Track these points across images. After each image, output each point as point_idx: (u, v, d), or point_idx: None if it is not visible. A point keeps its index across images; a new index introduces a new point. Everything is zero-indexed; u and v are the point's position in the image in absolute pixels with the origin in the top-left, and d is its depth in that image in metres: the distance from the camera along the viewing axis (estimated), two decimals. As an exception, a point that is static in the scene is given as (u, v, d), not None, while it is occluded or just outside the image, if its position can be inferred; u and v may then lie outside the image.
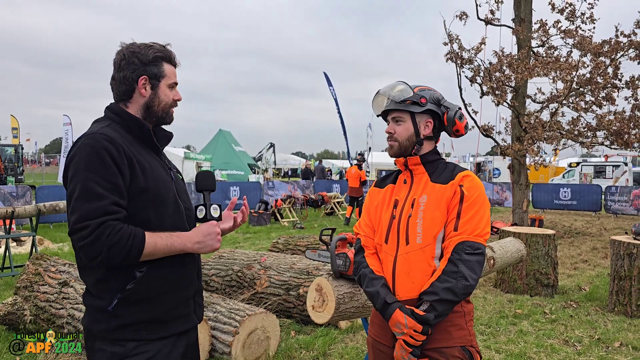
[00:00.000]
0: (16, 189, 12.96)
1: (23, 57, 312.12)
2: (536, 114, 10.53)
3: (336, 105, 21.19)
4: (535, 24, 10.97)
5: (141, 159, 1.74)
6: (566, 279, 7.17)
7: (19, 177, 26.41)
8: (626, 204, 15.60)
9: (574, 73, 9.88)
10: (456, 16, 10.57)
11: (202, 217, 1.83)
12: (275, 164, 42.88)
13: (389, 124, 2.07)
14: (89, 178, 1.61)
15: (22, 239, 9.65)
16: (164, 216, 1.77)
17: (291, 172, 46.77)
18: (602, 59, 10.13)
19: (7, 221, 6.81)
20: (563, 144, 10.96)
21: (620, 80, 10.36)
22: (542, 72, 10.04)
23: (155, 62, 1.82)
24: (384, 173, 19.92)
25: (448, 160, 2.28)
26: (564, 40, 10.66)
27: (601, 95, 10.34)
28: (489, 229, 1.91)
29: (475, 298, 6.04)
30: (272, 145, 39.69)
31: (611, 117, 10.33)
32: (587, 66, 10.29)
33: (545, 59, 10.44)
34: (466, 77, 10.48)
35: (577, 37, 10.33)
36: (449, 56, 10.46)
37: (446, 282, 1.83)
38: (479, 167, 32.32)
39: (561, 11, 10.75)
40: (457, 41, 10.34)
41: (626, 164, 25.43)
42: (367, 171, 14.84)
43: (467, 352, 1.91)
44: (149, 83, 1.82)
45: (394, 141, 2.04)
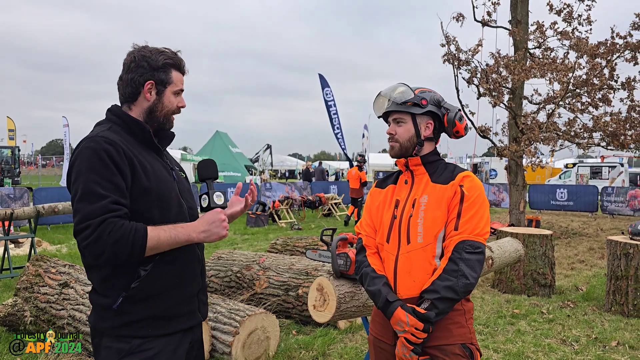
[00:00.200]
0: (13, 190, 12.91)
1: (18, 59, 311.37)
2: (533, 115, 10.57)
3: (329, 108, 21.11)
4: (531, 25, 11.02)
5: (142, 160, 1.77)
6: (563, 279, 7.21)
7: (16, 179, 26.37)
8: (622, 205, 15.67)
9: (571, 74, 9.93)
10: (453, 18, 10.61)
11: (205, 205, 1.82)
12: (272, 165, 42.89)
13: (390, 125, 2.10)
14: (90, 179, 1.64)
15: (20, 240, 9.64)
16: (167, 216, 1.78)
17: (288, 174, 46.76)
18: (598, 60, 10.18)
19: (6, 223, 6.80)
20: (560, 145, 11.00)
21: (616, 81, 10.42)
22: (538, 74, 10.09)
23: (164, 68, 1.84)
24: (381, 174, 19.96)
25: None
26: (561, 41, 10.71)
27: (597, 96, 10.40)
28: (488, 228, 1.94)
29: (473, 298, 6.07)
30: (269, 147, 39.72)
31: (607, 118, 10.37)
32: (584, 67, 10.34)
33: (541, 60, 10.49)
34: (463, 78, 10.52)
35: (574, 39, 10.39)
36: (446, 58, 10.48)
37: (447, 280, 1.86)
38: (475, 168, 32.42)
39: (559, 12, 10.79)
40: (455, 43, 10.38)
41: (622, 164, 25.51)
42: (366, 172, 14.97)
43: (467, 349, 1.94)
44: (154, 88, 1.84)
45: (395, 142, 2.07)
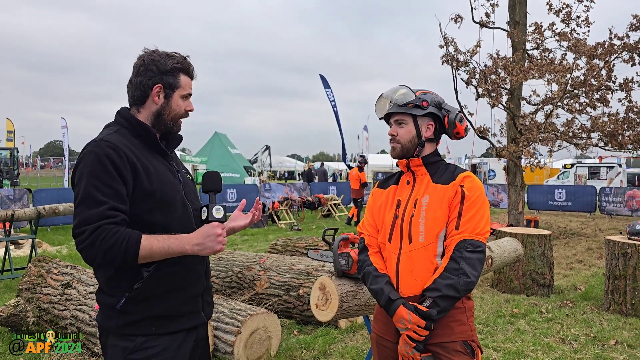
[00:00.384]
0: (13, 192, 12.93)
1: (16, 60, 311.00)
2: (531, 116, 10.61)
3: (334, 108, 21.23)
4: (530, 26, 11.06)
5: (146, 163, 1.80)
6: (562, 279, 7.25)
7: (15, 180, 26.33)
8: (620, 205, 15.72)
9: (569, 75, 9.97)
10: (452, 19, 10.66)
11: (204, 218, 1.83)
12: (271, 166, 42.92)
13: (391, 127, 2.14)
14: (91, 184, 1.68)
15: (20, 242, 9.66)
16: (171, 218, 1.82)
17: (288, 175, 46.78)
18: (596, 61, 10.23)
19: (7, 224, 6.82)
20: (558, 146, 11.04)
21: (614, 82, 10.46)
22: (536, 75, 10.13)
23: (172, 72, 1.87)
24: (380, 175, 20.03)
25: None
26: (559, 42, 10.76)
27: (595, 97, 10.45)
28: (489, 227, 1.98)
29: (472, 298, 6.09)
30: (268, 148, 39.76)
31: (605, 118, 10.41)
32: (581, 68, 10.39)
33: (539, 61, 10.54)
34: (462, 79, 10.56)
35: (572, 40, 10.44)
36: (444, 59, 10.53)
37: (448, 278, 1.89)
38: (474, 168, 32.46)
39: (557, 12, 10.83)
40: (453, 44, 10.43)
41: (620, 165, 25.58)
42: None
43: (468, 346, 1.97)
44: (163, 92, 1.87)
45: (396, 143, 2.11)
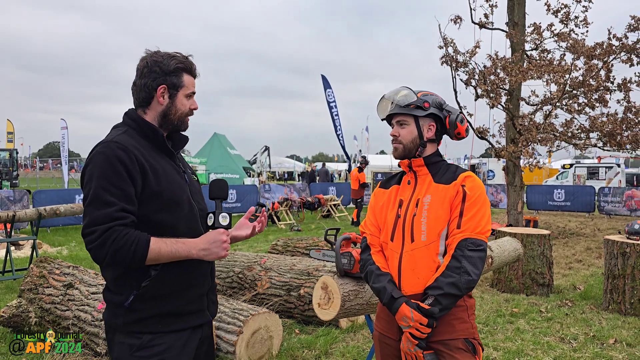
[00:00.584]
0: (13, 193, 12.94)
1: (13, 61, 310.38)
2: (530, 116, 10.64)
3: (332, 109, 21.25)
4: (528, 27, 11.09)
5: (154, 164, 1.83)
6: (561, 279, 7.28)
7: (14, 181, 26.31)
8: (619, 205, 15.76)
9: (567, 76, 10.00)
10: (451, 20, 10.69)
11: (211, 224, 1.88)
12: (270, 167, 42.94)
13: (393, 128, 2.16)
14: (100, 185, 1.70)
15: (20, 243, 9.67)
16: (178, 218, 1.85)
17: (287, 175, 46.81)
18: (595, 61, 10.26)
19: (8, 225, 6.83)
20: (557, 146, 11.08)
21: (612, 82, 10.49)
22: (535, 75, 10.16)
23: (175, 72, 1.90)
24: (379, 175, 20.07)
25: None
26: (557, 43, 10.80)
27: (594, 97, 10.47)
28: (490, 226, 2.00)
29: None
30: (267, 149, 39.80)
31: (604, 119, 10.45)
32: (580, 69, 10.42)
33: (538, 62, 10.57)
34: (461, 80, 10.58)
35: (570, 41, 10.47)
36: (444, 59, 10.55)
37: (450, 277, 1.92)
38: (473, 169, 32.49)
39: (556, 12, 10.87)
40: (452, 45, 10.46)
41: (619, 165, 25.62)
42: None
43: (469, 344, 2.00)
44: (167, 92, 1.90)
45: (398, 144, 2.13)
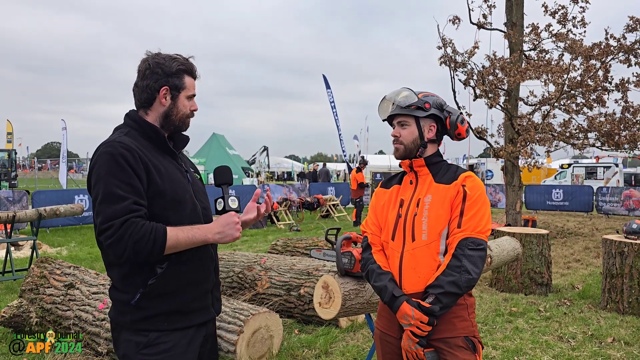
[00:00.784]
0: (12, 193, 12.92)
1: (10, 61, 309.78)
2: (528, 116, 10.68)
3: (333, 109, 21.32)
4: (526, 27, 11.12)
5: (157, 163, 1.85)
6: (560, 278, 7.31)
7: (13, 182, 26.28)
8: (617, 205, 15.80)
9: (565, 76, 10.04)
10: (449, 20, 10.71)
11: (220, 209, 1.90)
12: (269, 167, 42.98)
13: (394, 128, 2.19)
14: (110, 182, 1.73)
15: (20, 243, 9.67)
16: (181, 217, 1.87)
17: (286, 175, 46.83)
18: (593, 62, 10.30)
19: (9, 225, 6.84)
20: (555, 146, 11.11)
21: (610, 83, 10.53)
22: (534, 75, 10.19)
23: (177, 74, 1.92)
24: (378, 175, 20.14)
25: None
26: (555, 43, 10.83)
27: (592, 97, 10.52)
28: (490, 226, 2.03)
29: (471, 297, 6.16)
30: (266, 149, 39.84)
31: (602, 119, 10.50)
32: (578, 69, 10.46)
33: (536, 62, 10.60)
34: (460, 80, 10.61)
35: (568, 41, 10.51)
36: (442, 60, 10.59)
37: (450, 276, 1.94)
38: (471, 169, 32.52)
39: (553, 14, 10.90)
40: (451, 45, 10.49)
41: (617, 165, 25.68)
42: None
43: (470, 342, 2.03)
44: (169, 93, 1.92)
45: (399, 144, 2.16)
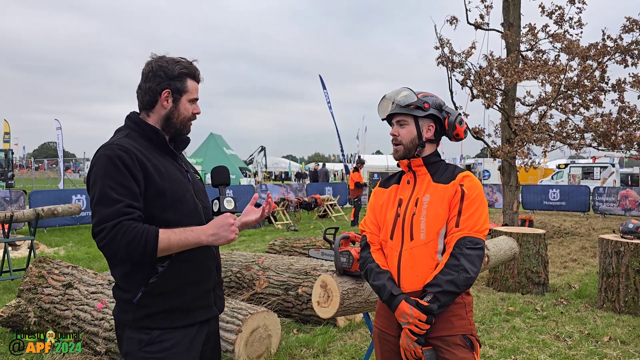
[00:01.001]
0: (9, 193, 12.88)
1: (6, 61, 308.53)
2: (525, 117, 10.72)
3: (331, 109, 21.36)
4: (523, 28, 11.16)
5: (157, 163, 1.87)
6: (556, 278, 7.34)
7: (9, 182, 26.22)
8: (614, 205, 15.87)
9: (562, 76, 10.08)
10: (447, 21, 10.75)
11: (216, 210, 1.91)
12: (266, 167, 43.00)
13: (393, 127, 2.20)
14: (106, 184, 1.75)
15: (17, 243, 9.66)
16: (182, 216, 1.89)
17: (284, 175, 46.86)
18: (590, 62, 10.34)
19: (6, 225, 6.83)
20: (552, 146, 11.15)
21: (607, 83, 10.58)
22: (531, 76, 10.23)
23: (180, 77, 1.94)
24: (375, 175, 20.19)
25: None
26: (552, 44, 10.88)
27: (588, 97, 10.56)
28: (487, 225, 2.05)
29: (468, 296, 6.18)
30: (263, 149, 39.87)
31: (598, 119, 10.54)
32: (575, 70, 10.50)
33: (533, 62, 10.64)
34: (457, 80, 10.64)
35: (565, 41, 10.55)
36: (440, 60, 10.62)
37: (449, 274, 1.96)
38: (468, 169, 32.59)
39: (550, 14, 10.95)
40: (448, 45, 10.52)
41: (613, 165, 25.77)
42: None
43: (467, 340, 2.04)
44: (171, 96, 1.94)
45: (398, 144, 2.18)
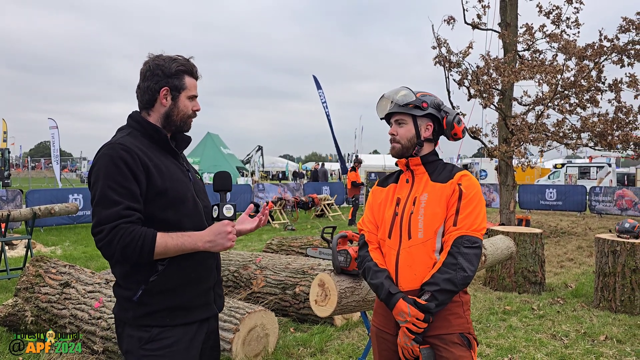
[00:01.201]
0: (6, 192, 12.83)
1: (4, 61, 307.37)
2: (522, 116, 10.74)
3: (327, 109, 21.38)
4: (521, 28, 11.19)
5: (158, 163, 1.88)
6: (553, 277, 7.37)
7: (6, 181, 26.16)
8: (610, 204, 15.91)
9: (559, 76, 10.10)
10: (444, 20, 10.76)
11: (215, 216, 1.91)
12: (264, 166, 42.99)
13: (391, 126, 2.21)
14: (106, 185, 1.76)
15: (13, 242, 9.63)
16: (182, 215, 1.90)
17: (281, 175, 46.86)
18: (586, 62, 10.38)
19: (3, 225, 6.81)
20: (548, 146, 11.18)
21: (603, 83, 10.61)
22: (528, 76, 10.25)
23: (177, 75, 1.95)
24: (372, 175, 20.22)
25: None
26: (549, 44, 10.90)
27: (585, 97, 10.59)
28: (485, 224, 2.05)
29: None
30: (260, 148, 39.87)
31: (595, 119, 10.57)
32: (572, 70, 10.53)
33: (530, 62, 10.67)
34: (454, 80, 10.67)
35: (562, 41, 10.58)
36: (437, 60, 10.63)
37: (446, 273, 1.97)
38: (465, 168, 32.65)
39: (547, 14, 10.97)
40: (446, 45, 10.53)
41: (610, 164, 25.88)
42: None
43: (465, 338, 2.05)
44: (169, 94, 1.95)
45: (396, 143, 2.18)
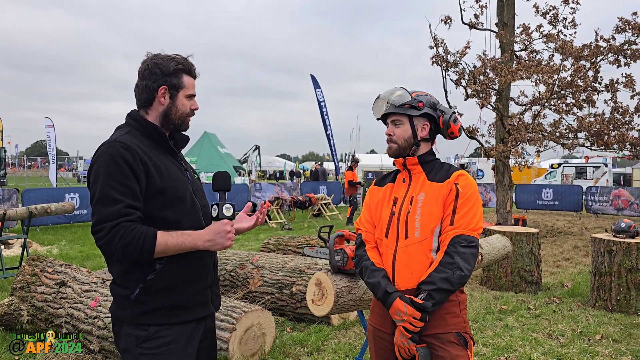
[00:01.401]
0: (2, 191, 12.79)
1: (0, 60, 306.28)
2: (519, 116, 10.77)
3: (322, 109, 21.35)
4: (518, 28, 11.20)
5: (157, 162, 1.88)
6: (549, 276, 7.39)
7: (2, 180, 26.03)
8: (606, 204, 15.96)
9: (556, 76, 10.12)
10: (441, 20, 10.77)
11: (214, 215, 1.92)
12: (261, 166, 42.98)
13: (388, 127, 2.21)
14: (107, 184, 1.76)
15: (10, 241, 9.60)
16: (181, 214, 1.90)
17: (278, 174, 46.85)
18: (583, 62, 10.40)
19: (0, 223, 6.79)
20: (545, 146, 11.22)
21: (600, 83, 10.65)
22: (524, 75, 10.27)
23: (175, 73, 1.95)
24: (369, 175, 20.26)
25: None
26: (546, 44, 10.92)
27: (582, 97, 10.63)
28: (482, 223, 2.06)
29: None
30: (257, 148, 39.86)
31: (591, 119, 10.61)
32: (568, 70, 10.56)
33: (527, 62, 10.69)
34: (451, 80, 10.68)
35: (559, 42, 10.60)
36: (434, 59, 10.65)
37: (443, 272, 1.97)
38: (462, 168, 32.73)
39: (544, 14, 10.99)
40: (443, 45, 10.55)
41: (606, 164, 25.95)
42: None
43: (461, 337, 2.05)
44: (168, 93, 1.95)
45: (393, 143, 2.19)
